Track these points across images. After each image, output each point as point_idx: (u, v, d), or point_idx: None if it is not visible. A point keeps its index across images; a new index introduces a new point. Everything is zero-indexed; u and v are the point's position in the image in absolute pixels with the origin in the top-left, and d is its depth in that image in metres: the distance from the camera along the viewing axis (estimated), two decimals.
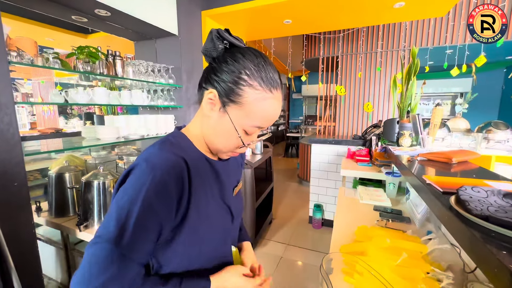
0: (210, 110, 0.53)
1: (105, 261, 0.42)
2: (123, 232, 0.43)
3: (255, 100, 0.50)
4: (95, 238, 0.44)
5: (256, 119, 0.51)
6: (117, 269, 0.42)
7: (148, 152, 0.49)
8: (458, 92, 5.76)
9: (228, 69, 0.50)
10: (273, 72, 0.52)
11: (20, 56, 1.08)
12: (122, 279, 0.43)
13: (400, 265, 0.79)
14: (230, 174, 0.63)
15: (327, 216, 2.92)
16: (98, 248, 0.43)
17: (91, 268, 0.42)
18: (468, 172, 0.92)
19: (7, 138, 0.99)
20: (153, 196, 0.45)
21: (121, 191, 0.46)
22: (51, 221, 1.46)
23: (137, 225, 0.44)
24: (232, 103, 0.51)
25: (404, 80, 1.83)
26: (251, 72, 0.50)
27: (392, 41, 3.43)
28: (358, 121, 3.79)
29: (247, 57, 0.51)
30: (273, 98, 0.51)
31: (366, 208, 1.45)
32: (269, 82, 0.50)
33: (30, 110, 5.25)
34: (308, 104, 8.73)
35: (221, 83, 0.51)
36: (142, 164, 0.47)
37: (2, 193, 0.98)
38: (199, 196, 0.52)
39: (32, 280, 1.09)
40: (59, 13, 1.51)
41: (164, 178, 0.46)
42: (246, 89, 0.49)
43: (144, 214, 0.44)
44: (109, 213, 0.46)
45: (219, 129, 0.53)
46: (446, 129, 1.95)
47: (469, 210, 0.51)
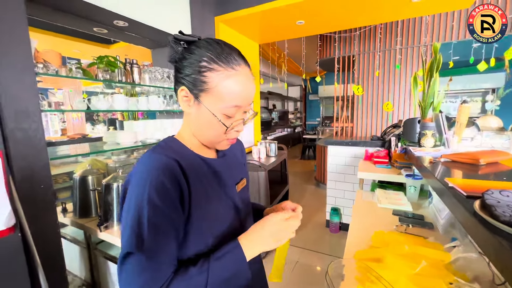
0: (188, 106, 0.55)
1: (136, 270, 0.44)
2: (141, 238, 0.45)
3: (220, 81, 0.51)
4: (120, 261, 0.46)
5: (228, 99, 0.51)
6: (149, 272, 0.44)
7: (141, 161, 0.51)
8: (490, 88, 5.35)
9: (188, 62, 0.52)
10: (231, 51, 0.53)
11: (46, 68, 1.17)
12: (158, 281, 0.44)
13: (419, 274, 0.74)
14: (230, 172, 0.63)
15: (344, 220, 2.82)
16: (126, 265, 0.45)
17: (129, 284, 0.44)
18: (497, 174, 0.84)
19: (35, 143, 1.06)
20: (155, 197, 0.45)
21: (126, 205, 0.48)
22: (75, 222, 1.55)
23: (151, 227, 0.45)
24: (202, 92, 0.52)
25: (426, 77, 1.73)
26: (209, 57, 0.51)
27: (412, 37, 3.27)
28: (377, 121, 3.64)
29: (201, 46, 0.52)
30: (237, 75, 0.52)
31: (385, 213, 1.37)
32: (227, 60, 0.51)
33: (61, 117, 5.68)
34: (326, 105, 8.56)
35: (186, 77, 0.53)
36: (137, 173, 0.49)
37: (30, 195, 1.06)
38: (199, 194, 0.52)
39: (56, 277, 1.15)
40: (82, 25, 1.62)
41: (160, 179, 0.47)
42: (208, 74, 0.51)
43: (154, 216, 0.45)
44: (122, 230, 0.47)
45: (201, 122, 0.54)
46: (475, 128, 1.81)
47: (496, 216, 0.46)
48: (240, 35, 2.70)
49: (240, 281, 0.50)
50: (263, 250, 0.53)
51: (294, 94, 9.97)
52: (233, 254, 0.49)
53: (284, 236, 0.53)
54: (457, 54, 2.99)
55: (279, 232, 0.52)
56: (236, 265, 0.49)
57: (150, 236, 0.45)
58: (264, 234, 0.52)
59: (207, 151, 0.60)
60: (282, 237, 0.53)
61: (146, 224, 0.45)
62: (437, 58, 1.63)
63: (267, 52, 4.00)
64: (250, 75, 0.55)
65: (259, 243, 0.52)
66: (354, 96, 3.75)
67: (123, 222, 0.47)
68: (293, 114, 10.16)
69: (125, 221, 0.47)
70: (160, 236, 0.46)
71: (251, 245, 0.51)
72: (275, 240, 0.52)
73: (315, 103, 9.43)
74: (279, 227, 0.52)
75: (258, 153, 2.51)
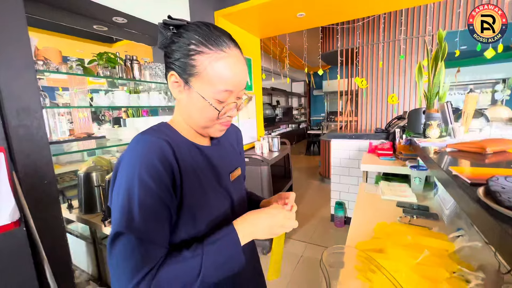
0: (178, 92, 0.54)
1: (128, 250, 0.42)
2: (132, 218, 0.43)
3: (209, 64, 0.49)
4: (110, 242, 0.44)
5: (220, 82, 0.50)
6: (141, 252, 0.43)
7: (131, 144, 0.49)
8: (500, 79, 5.18)
9: (177, 46, 0.51)
10: (220, 34, 0.51)
11: (46, 65, 1.18)
12: (150, 261, 0.43)
13: (421, 263, 0.72)
14: (224, 159, 0.62)
15: (349, 214, 2.80)
16: (116, 245, 0.43)
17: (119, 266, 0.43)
18: (504, 163, 0.81)
19: (37, 140, 1.08)
20: (146, 177, 0.45)
21: (117, 183, 0.47)
22: (81, 217, 1.58)
23: (142, 208, 0.44)
24: (192, 76, 0.51)
25: (431, 67, 1.68)
26: (197, 40, 0.50)
27: (417, 27, 3.19)
28: (382, 114, 3.58)
29: (190, 30, 0.51)
30: (228, 57, 0.50)
31: (388, 205, 1.35)
32: (217, 43, 0.50)
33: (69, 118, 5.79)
34: (330, 100, 8.46)
35: (176, 62, 0.51)
36: (127, 155, 0.48)
37: (34, 191, 1.07)
38: (191, 180, 0.52)
39: (62, 271, 1.18)
40: (81, 23, 1.63)
41: (151, 159, 0.46)
42: (197, 57, 0.49)
43: (145, 196, 0.44)
44: (112, 211, 0.46)
45: (193, 107, 0.53)
46: (484, 119, 1.75)
47: (501, 202, 0.45)
48: (241, 29, 2.67)
49: (233, 265, 0.49)
50: (256, 237, 0.53)
51: (298, 90, 9.89)
52: (228, 238, 0.49)
53: (276, 230, 0.54)
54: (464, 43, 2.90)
55: (273, 226, 0.53)
56: (231, 249, 0.48)
57: (141, 216, 0.44)
58: (259, 223, 0.52)
59: (201, 139, 0.59)
60: (275, 230, 0.54)
61: (137, 203, 0.44)
62: (443, 47, 1.59)
63: (268, 46, 3.97)
64: (241, 58, 0.53)
65: (253, 231, 0.52)
66: (359, 89, 3.69)
67: (114, 203, 0.46)
68: (298, 110, 10.08)
69: (116, 202, 0.46)
70: (151, 216, 0.45)
71: (244, 231, 0.51)
72: (268, 231, 0.53)
73: (319, 98, 9.33)
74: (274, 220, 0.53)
75: (260, 147, 2.50)
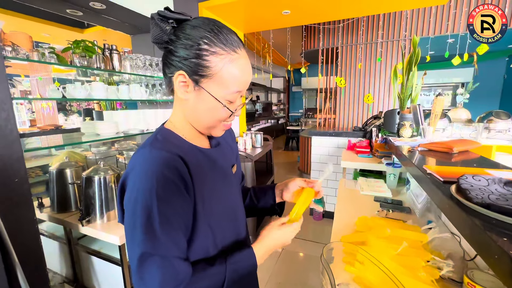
0: (185, 92, 0.51)
1: (158, 269, 0.44)
2: (155, 236, 0.44)
3: (224, 66, 0.48)
4: (137, 263, 0.44)
5: (233, 84, 0.49)
6: (169, 270, 0.44)
7: (142, 156, 0.48)
8: (460, 82, 5.71)
9: (185, 44, 0.48)
10: (230, 33, 0.50)
11: (15, 51, 1.07)
12: (178, 278, 0.45)
13: (400, 254, 0.80)
14: (225, 159, 0.63)
15: (328, 208, 2.94)
16: (145, 266, 0.44)
17: (149, 286, 0.44)
18: (469, 161, 0.92)
19: (6, 134, 0.98)
20: (163, 194, 0.44)
21: (131, 205, 0.46)
22: (54, 217, 1.47)
23: (163, 225, 0.44)
24: (203, 78, 0.49)
25: (405, 71, 1.81)
26: (209, 40, 0.47)
27: (392, 31, 3.38)
28: (358, 113, 3.77)
29: (197, 26, 0.48)
30: (240, 58, 0.49)
31: (367, 199, 1.45)
32: (230, 43, 0.48)
33: (29, 107, 5.24)
34: (308, 97, 8.69)
35: (184, 61, 0.48)
36: (139, 172, 0.46)
37: (4, 189, 0.98)
38: (202, 189, 0.52)
39: (36, 275, 1.10)
40: (54, 6, 1.49)
41: (166, 175, 0.45)
42: (211, 58, 0.47)
43: (165, 214, 0.45)
44: (131, 232, 0.45)
45: (201, 108, 0.51)
46: (447, 119, 1.93)
47: (470, 199, 0.50)
48: (225, 23, 2.63)
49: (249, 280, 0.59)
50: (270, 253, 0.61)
51: (277, 86, 9.98)
52: (248, 261, 0.55)
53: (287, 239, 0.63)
54: (433, 49, 3.14)
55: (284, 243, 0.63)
56: (249, 270, 0.55)
57: (164, 234, 0.44)
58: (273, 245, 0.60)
59: (201, 140, 0.59)
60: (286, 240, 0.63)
61: (158, 222, 0.44)
62: (416, 52, 1.71)
63: (251, 42, 3.94)
64: (248, 58, 0.53)
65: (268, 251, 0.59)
66: (337, 88, 3.84)
67: (131, 223, 0.45)
68: (277, 106, 10.20)
69: (133, 222, 0.45)
70: (173, 233, 0.46)
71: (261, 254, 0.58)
72: (281, 244, 0.62)
73: (298, 94, 9.52)
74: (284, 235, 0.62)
75: (244, 144, 2.51)
